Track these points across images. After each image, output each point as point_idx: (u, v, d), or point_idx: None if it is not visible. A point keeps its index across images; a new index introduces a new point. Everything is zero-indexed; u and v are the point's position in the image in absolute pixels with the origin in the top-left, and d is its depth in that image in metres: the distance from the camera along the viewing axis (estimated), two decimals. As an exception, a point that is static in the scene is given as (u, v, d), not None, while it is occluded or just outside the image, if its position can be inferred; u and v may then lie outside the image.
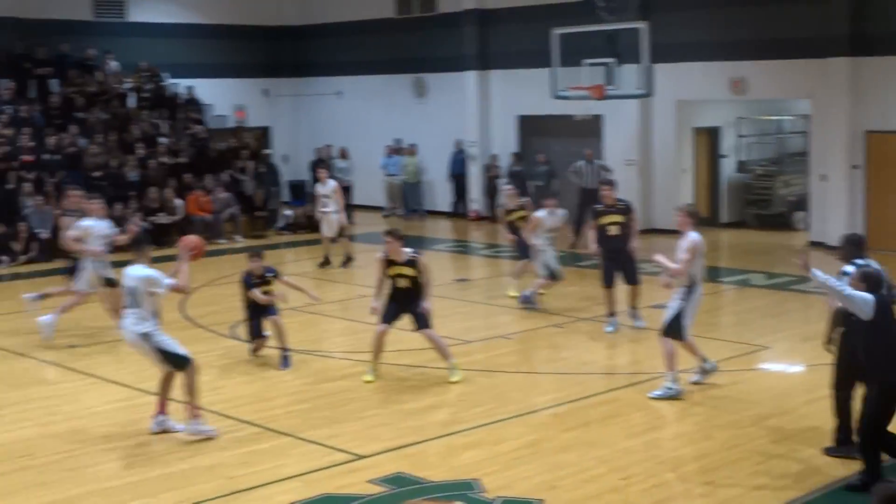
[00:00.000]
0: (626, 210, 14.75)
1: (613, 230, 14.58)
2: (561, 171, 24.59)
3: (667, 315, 11.48)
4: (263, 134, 32.05)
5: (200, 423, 10.18)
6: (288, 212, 26.60)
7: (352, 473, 9.11)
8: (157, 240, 23.46)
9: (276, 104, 32.37)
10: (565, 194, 23.66)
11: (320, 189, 20.77)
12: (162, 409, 10.35)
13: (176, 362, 10.18)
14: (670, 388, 11.29)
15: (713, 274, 19.75)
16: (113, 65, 27.73)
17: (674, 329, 11.40)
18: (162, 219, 23.74)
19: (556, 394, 11.51)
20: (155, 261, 10.54)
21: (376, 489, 8.70)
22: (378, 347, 12.25)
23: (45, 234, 21.97)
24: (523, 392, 11.71)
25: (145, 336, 10.05)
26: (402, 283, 12.11)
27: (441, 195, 29.22)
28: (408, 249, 12.14)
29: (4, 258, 21.28)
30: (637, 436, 10.03)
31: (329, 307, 16.65)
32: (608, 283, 14.72)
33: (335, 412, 10.95)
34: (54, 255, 21.87)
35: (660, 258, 11.39)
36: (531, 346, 14.31)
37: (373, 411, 10.98)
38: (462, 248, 23.53)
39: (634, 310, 14.77)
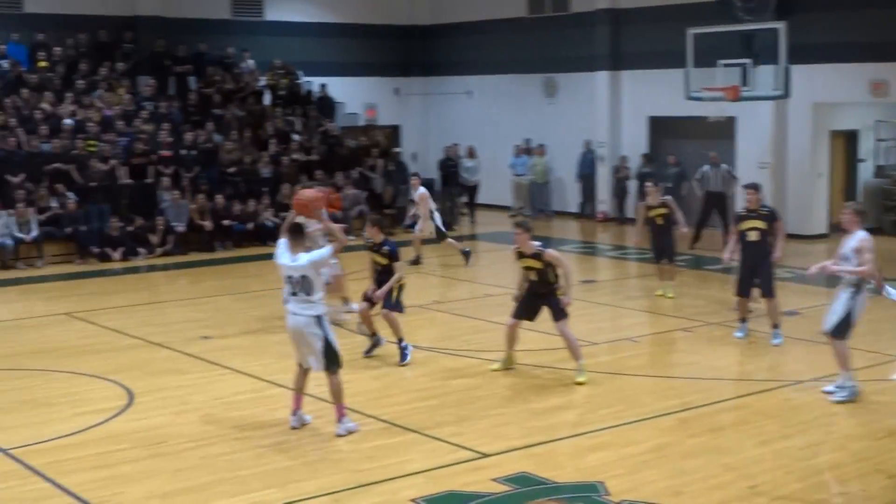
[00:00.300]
0: (769, 217, 13.96)
1: (753, 236, 13.83)
2: (691, 173, 24.28)
3: (834, 316, 11.24)
4: (393, 132, 32.35)
5: (348, 420, 10.24)
6: (417, 211, 26.75)
7: (476, 471, 9.14)
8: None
9: (406, 103, 32.65)
10: (694, 197, 23.43)
11: (413, 195, 20.99)
12: (298, 405, 10.46)
13: (332, 359, 10.10)
14: (847, 388, 11.24)
15: (848, 281, 19.32)
16: (249, 63, 28.33)
17: (842, 330, 11.22)
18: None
19: (683, 398, 11.38)
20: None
21: (500, 488, 8.72)
22: (509, 339, 12.48)
23: (180, 227, 22.54)
24: (650, 395, 11.60)
25: (319, 320, 10.02)
26: (531, 275, 12.17)
27: (569, 196, 29.13)
28: (536, 242, 12.10)
29: (142, 250, 21.90)
30: (766, 444, 9.85)
31: (455, 305, 16.75)
32: (743, 293, 14.21)
33: (461, 410, 11.00)
34: (189, 248, 22.53)
35: (835, 267, 11.16)
36: (658, 349, 14.18)
37: (499, 410, 11.00)
38: (589, 249, 23.42)
39: (776, 328, 14.06)
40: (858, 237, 11.13)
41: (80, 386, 12.16)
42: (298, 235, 10.21)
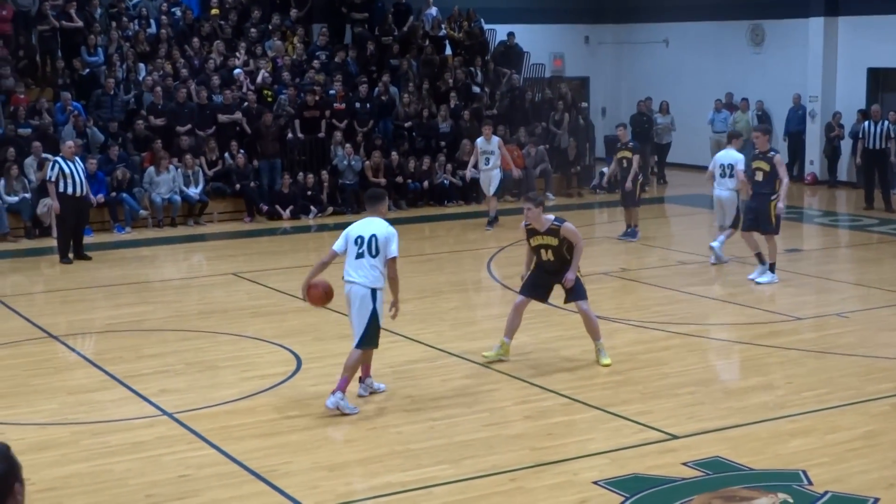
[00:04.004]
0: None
1: None
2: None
3: None
4: (581, 85, 32.17)
5: (342, 396, 10.10)
6: (604, 169, 26.61)
7: (665, 454, 9.06)
8: (465, 195, 24.19)
9: (596, 52, 32.41)
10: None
11: (483, 145, 20.99)
12: (367, 373, 10.63)
13: (369, 338, 10.14)
14: None
15: None
16: (432, 10, 28.49)
17: None
18: (473, 173, 24.26)
19: (898, 382, 11.05)
20: (464, 217, 10.67)
21: (691, 473, 8.62)
22: (512, 321, 11.79)
23: (352, 184, 22.94)
24: (860, 378, 11.27)
25: (374, 293, 10.05)
26: (546, 254, 11.53)
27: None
28: (550, 217, 11.54)
29: (313, 208, 22.39)
30: None
31: (645, 273, 16.60)
32: None
33: (649, 387, 10.92)
34: (362, 206, 22.91)
35: None
36: (870, 326, 13.72)
37: (690, 388, 10.87)
38: (796, 214, 22.84)
39: None
40: None
41: (247, 350, 12.55)
42: (383, 200, 10.68)
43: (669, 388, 10.90)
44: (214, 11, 26.43)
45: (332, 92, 24.45)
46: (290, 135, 23.66)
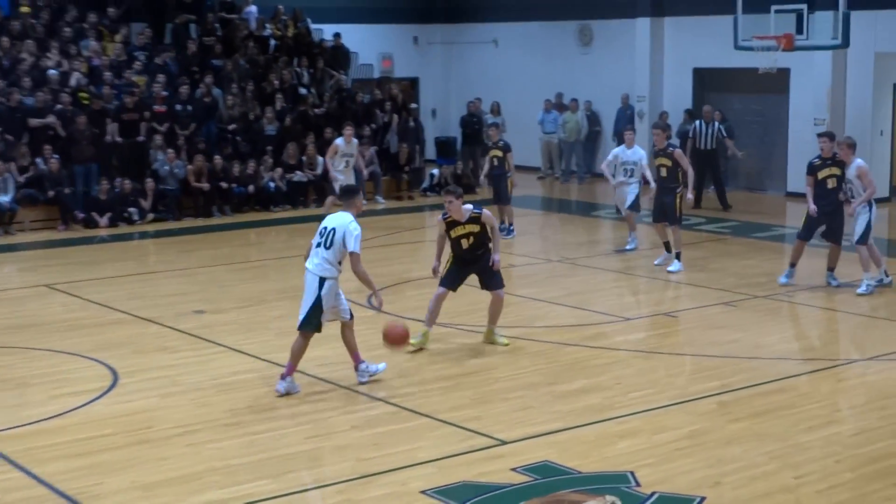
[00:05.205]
0: (843, 164, 15.35)
1: (832, 183, 15.34)
2: (738, 130, 24.21)
3: (858, 228, 14.98)
4: (411, 85, 32.24)
5: (291, 380, 10.86)
6: (434, 171, 26.73)
7: (494, 460, 9.10)
8: (292, 199, 23.98)
9: (425, 53, 32.53)
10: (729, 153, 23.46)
11: (344, 147, 20.83)
12: (357, 360, 11.14)
13: (307, 320, 10.80)
14: (872, 283, 15.02)
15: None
16: (252, 8, 28.18)
17: (866, 237, 14.97)
18: (299, 176, 24.11)
19: (723, 380, 11.30)
20: (291, 221, 10.65)
21: (520, 478, 8.68)
22: (433, 311, 12.52)
23: (174, 190, 22.53)
24: (686, 377, 11.56)
25: (322, 281, 10.69)
26: (467, 242, 12.34)
27: (605, 155, 28.93)
28: (469, 206, 12.32)
29: (132, 210, 21.86)
30: (814, 430, 9.77)
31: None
32: (805, 236, 15.59)
33: (478, 392, 10.96)
34: (184, 213, 22.54)
35: (854, 205, 15.05)
36: (697, 325, 14.08)
37: (519, 392, 10.95)
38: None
39: (832, 271, 15.60)
40: (859, 164, 15.06)
41: (60, 365, 12.17)
42: (355, 195, 11.35)
43: (499, 393, 10.97)
44: (25, 9, 25.63)
45: (152, 94, 23.97)
46: (107, 138, 23.07)
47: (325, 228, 10.83)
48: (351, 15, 30.40)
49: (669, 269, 16.76)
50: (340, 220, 10.83)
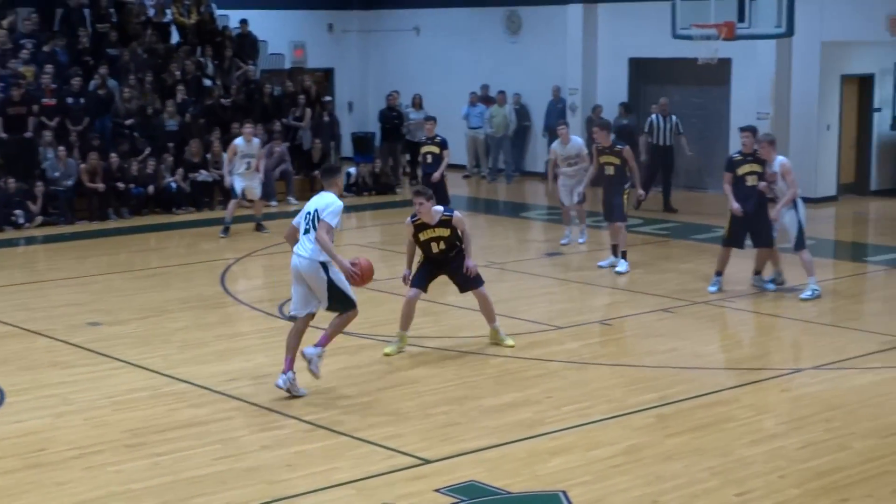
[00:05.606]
0: (763, 160, 15.57)
1: (752, 180, 15.54)
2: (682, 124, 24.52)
3: (791, 234, 15.37)
4: (325, 77, 32.22)
5: (291, 374, 11.24)
6: (351, 169, 26.73)
7: (416, 480, 9.16)
8: (196, 201, 23.88)
9: (341, 42, 32.55)
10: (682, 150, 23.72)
11: (244, 147, 20.92)
12: (290, 367, 11.21)
13: (339, 302, 11.24)
14: (816, 289, 15.23)
15: (858, 252, 19.63)
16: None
17: (802, 240, 15.36)
18: (203, 176, 24.02)
19: (661, 392, 11.46)
20: (195, 225, 10.66)
21: (445, 500, 8.75)
22: (408, 315, 12.86)
23: (67, 190, 22.33)
24: (622, 389, 11.66)
25: (325, 265, 11.02)
26: (437, 247, 12.70)
27: (535, 152, 29.18)
28: (439, 208, 12.63)
29: (18, 212, 21.63)
30: (757, 444, 9.95)
31: (394, 283, 16.72)
32: (731, 243, 15.81)
33: (399, 408, 11.02)
34: (77, 216, 22.36)
35: (778, 208, 15.27)
36: (634, 333, 14.28)
37: (444, 408, 11.02)
38: (557, 215, 23.44)
39: (759, 275, 15.96)
40: (781, 161, 15.28)
41: (-62, 385, 12.05)
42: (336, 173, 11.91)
43: (422, 409, 11.03)
44: None
45: (41, 86, 23.77)
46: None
47: (308, 213, 11.19)
48: (260, 0, 30.32)
49: (618, 269, 17.18)
50: (321, 201, 11.23)
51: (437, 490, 8.92)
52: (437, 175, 19.68)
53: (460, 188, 27.18)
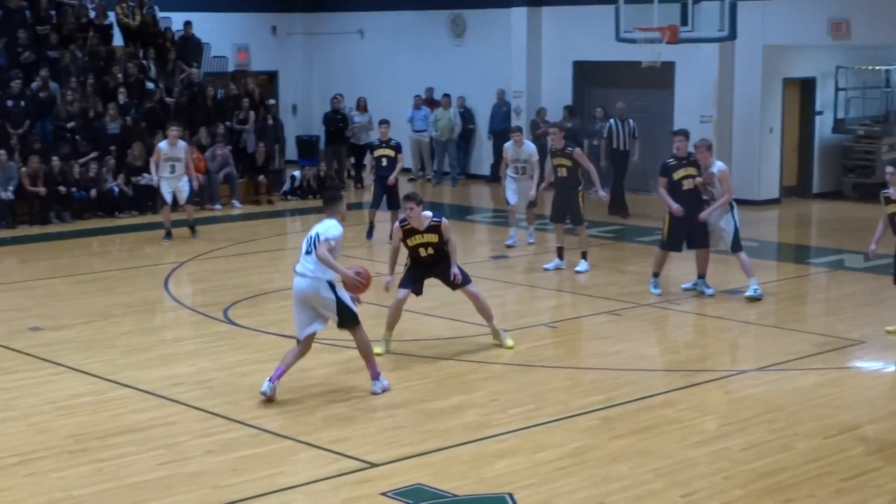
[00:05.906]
0: (698, 164, 15.72)
1: (688, 184, 15.62)
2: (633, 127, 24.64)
3: (728, 236, 15.50)
4: (269, 80, 32.14)
5: (383, 379, 11.53)
6: (296, 173, 26.68)
7: (362, 484, 9.16)
8: (139, 205, 23.73)
9: (285, 44, 32.48)
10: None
11: (169, 150, 20.72)
12: (280, 375, 11.23)
13: (350, 318, 11.22)
14: (758, 289, 15.34)
15: (801, 254, 19.81)
16: (93, -6, 27.84)
17: (739, 242, 15.53)
18: (146, 179, 23.85)
19: (606, 394, 11.52)
20: (138, 228, 10.58)
21: (391, 503, 8.76)
22: (393, 315, 12.90)
23: (7, 195, 22.14)
24: (567, 392, 11.71)
25: (332, 284, 11.10)
26: (425, 252, 12.77)
27: (480, 155, 29.22)
28: (428, 213, 12.65)
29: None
30: (702, 445, 10.03)
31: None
32: (669, 245, 15.90)
33: (344, 412, 11.00)
34: (18, 220, 22.16)
35: (709, 210, 15.42)
36: (579, 336, 14.36)
37: (389, 411, 11.04)
38: (502, 218, 23.50)
39: (703, 279, 15.94)
40: (720, 167, 15.63)
41: None
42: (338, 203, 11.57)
43: (367, 412, 11.04)
44: None
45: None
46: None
47: (310, 237, 11.21)
48: (202, 2, 30.19)
49: (577, 269, 17.41)
50: (322, 226, 11.19)
51: (383, 493, 8.93)
52: (392, 178, 19.76)
53: (405, 191, 27.12)
